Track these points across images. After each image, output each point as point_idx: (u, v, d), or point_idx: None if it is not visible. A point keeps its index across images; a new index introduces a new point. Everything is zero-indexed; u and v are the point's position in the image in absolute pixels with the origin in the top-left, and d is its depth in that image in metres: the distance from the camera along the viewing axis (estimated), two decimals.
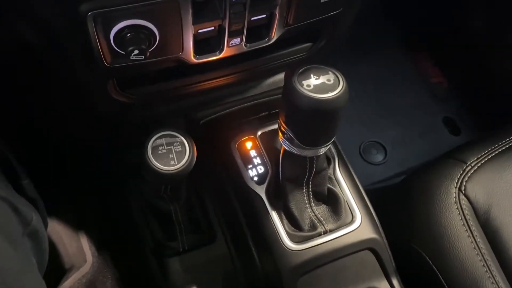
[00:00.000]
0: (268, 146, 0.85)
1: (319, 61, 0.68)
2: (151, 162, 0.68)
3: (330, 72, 0.64)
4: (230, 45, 0.67)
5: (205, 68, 0.75)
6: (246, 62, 0.78)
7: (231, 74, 0.80)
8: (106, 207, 1.01)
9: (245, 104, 0.90)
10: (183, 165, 0.69)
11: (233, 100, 0.90)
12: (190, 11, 0.60)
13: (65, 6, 0.55)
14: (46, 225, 0.76)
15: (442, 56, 1.56)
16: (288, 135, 0.69)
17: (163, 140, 0.70)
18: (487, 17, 1.39)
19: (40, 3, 0.55)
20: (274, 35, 0.70)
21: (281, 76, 0.89)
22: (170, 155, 0.69)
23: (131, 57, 0.59)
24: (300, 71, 0.64)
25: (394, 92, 1.49)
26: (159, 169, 0.69)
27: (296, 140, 0.68)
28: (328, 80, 0.63)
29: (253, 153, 0.85)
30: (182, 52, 0.66)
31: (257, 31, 0.69)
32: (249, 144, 0.85)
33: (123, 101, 0.76)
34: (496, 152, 0.92)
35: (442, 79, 1.55)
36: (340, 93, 0.62)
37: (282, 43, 0.75)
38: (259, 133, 0.87)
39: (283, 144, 0.72)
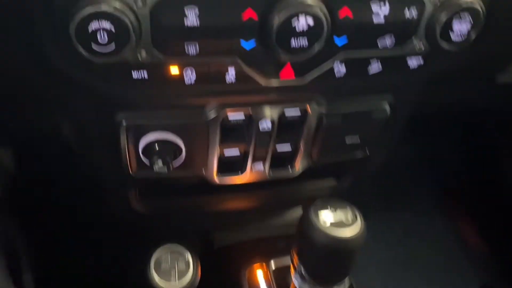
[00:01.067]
0: (280, 281, 0.80)
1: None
2: (152, 277, 0.65)
3: (349, 208, 0.62)
4: (253, 169, 0.69)
5: (226, 189, 0.75)
6: (268, 189, 0.78)
7: (252, 199, 0.80)
8: None
9: (263, 234, 0.88)
10: (184, 286, 0.66)
11: (251, 226, 0.88)
12: (218, 133, 0.62)
13: (102, 113, 0.59)
14: None
15: (480, 215, 1.48)
16: (300, 270, 0.65)
17: (168, 255, 0.67)
18: None
19: (79, 107, 0.60)
20: (299, 168, 0.71)
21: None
22: (172, 272, 0.66)
23: (154, 168, 0.61)
24: (318, 204, 0.63)
25: (423, 248, 1.39)
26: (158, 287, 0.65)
27: (307, 277, 0.64)
28: (346, 217, 0.61)
29: (263, 285, 0.80)
30: (205, 170, 0.67)
31: (281, 160, 0.70)
32: (260, 276, 0.81)
33: (142, 212, 0.77)
34: None
35: (479, 240, 1.46)
36: (358, 234, 0.60)
37: (306, 175, 0.76)
38: (273, 265, 0.83)
39: (294, 279, 0.68)
